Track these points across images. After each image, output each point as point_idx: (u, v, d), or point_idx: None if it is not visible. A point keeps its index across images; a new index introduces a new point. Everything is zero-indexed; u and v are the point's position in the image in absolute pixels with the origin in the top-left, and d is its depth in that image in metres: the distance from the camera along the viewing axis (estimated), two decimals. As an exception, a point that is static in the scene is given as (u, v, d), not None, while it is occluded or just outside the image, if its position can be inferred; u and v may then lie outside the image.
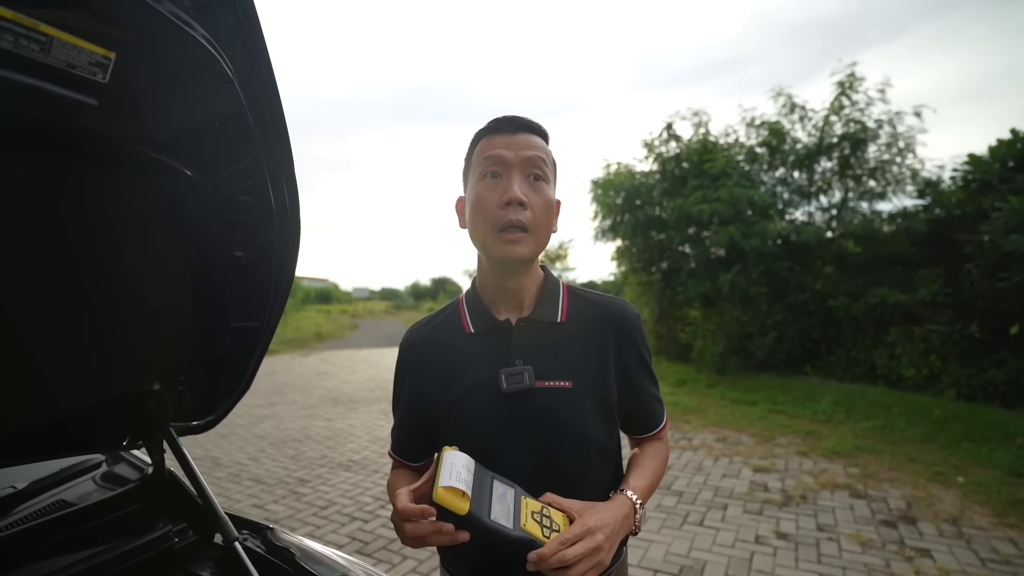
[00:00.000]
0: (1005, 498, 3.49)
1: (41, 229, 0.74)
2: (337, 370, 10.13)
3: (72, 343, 0.89)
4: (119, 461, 1.26)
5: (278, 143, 0.78)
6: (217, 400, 1.11)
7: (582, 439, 0.86)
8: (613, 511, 0.78)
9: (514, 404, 0.84)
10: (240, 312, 0.98)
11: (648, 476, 0.90)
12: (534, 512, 0.73)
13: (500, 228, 0.82)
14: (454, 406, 0.88)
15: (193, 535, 1.11)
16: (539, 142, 0.87)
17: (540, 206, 0.83)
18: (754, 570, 2.70)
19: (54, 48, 0.50)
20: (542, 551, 0.69)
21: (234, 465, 4.52)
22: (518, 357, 0.86)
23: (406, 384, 0.96)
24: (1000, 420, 5.03)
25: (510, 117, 0.87)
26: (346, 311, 33.03)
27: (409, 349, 0.97)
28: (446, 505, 0.67)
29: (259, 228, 0.86)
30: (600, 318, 0.91)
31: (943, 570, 2.65)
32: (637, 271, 9.68)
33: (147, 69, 0.60)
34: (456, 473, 0.70)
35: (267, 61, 0.69)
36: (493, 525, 0.68)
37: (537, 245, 0.85)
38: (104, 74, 0.54)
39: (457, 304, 0.97)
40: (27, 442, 0.96)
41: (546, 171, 0.86)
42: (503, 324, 0.89)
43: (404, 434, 0.99)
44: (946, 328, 6.22)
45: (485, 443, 0.83)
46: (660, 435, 0.98)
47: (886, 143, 7.65)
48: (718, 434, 5.21)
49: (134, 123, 0.65)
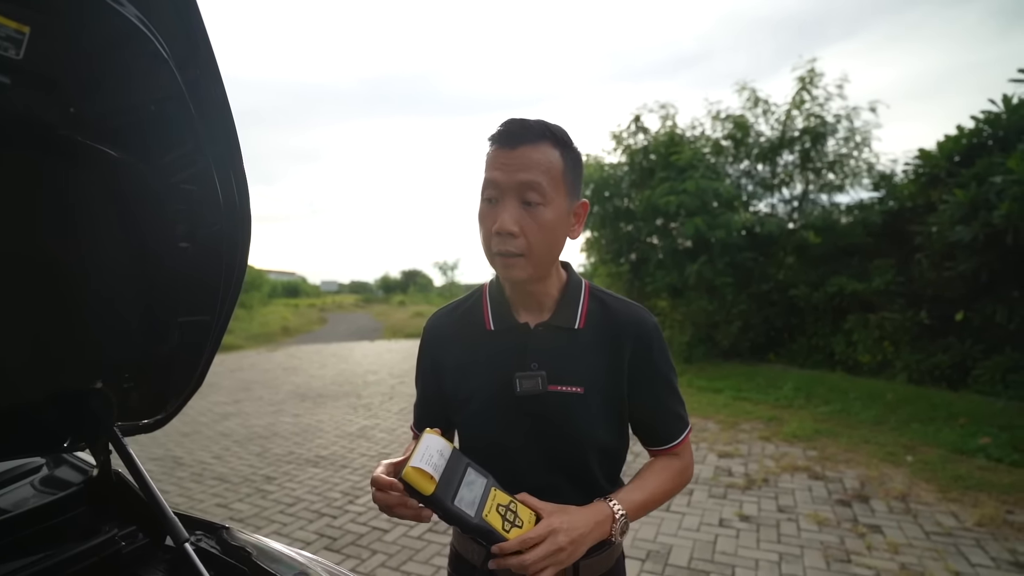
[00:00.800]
0: (948, 475, 3.69)
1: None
2: (305, 365, 9.93)
3: (6, 340, 0.83)
4: (61, 464, 1.20)
5: (222, 130, 0.74)
6: (167, 397, 1.07)
7: (588, 444, 0.88)
8: (583, 517, 0.79)
9: (525, 406, 0.87)
10: (189, 306, 0.94)
11: (646, 490, 0.89)
12: (500, 505, 0.77)
13: (495, 253, 0.83)
14: (468, 400, 0.91)
15: (143, 538, 1.06)
16: (539, 158, 0.79)
17: (535, 231, 0.80)
18: (718, 552, 2.79)
19: (-44, 21, 0.46)
20: (502, 546, 0.72)
21: (197, 464, 4.39)
22: (534, 361, 0.87)
23: (427, 368, 1.00)
24: (945, 402, 5.31)
25: (513, 128, 0.81)
26: (314, 305, 32.36)
27: (432, 335, 1.00)
28: (412, 483, 0.72)
29: (205, 218, 0.82)
30: (617, 325, 0.90)
31: (892, 544, 2.79)
32: (606, 262, 9.78)
33: (69, 46, 0.56)
34: (428, 456, 0.74)
35: (206, 42, 0.65)
36: (454, 509, 0.72)
37: (536, 267, 0.84)
38: (17, 50, 0.50)
39: (480, 296, 0.98)
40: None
41: (545, 193, 0.79)
42: (522, 327, 0.91)
43: (423, 411, 1.04)
44: (898, 315, 6.51)
45: (493, 439, 0.87)
46: (675, 450, 0.95)
47: (844, 137, 7.92)
48: (684, 421, 5.33)
49: (59, 105, 0.61)
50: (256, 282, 24.18)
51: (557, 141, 0.82)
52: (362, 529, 3.14)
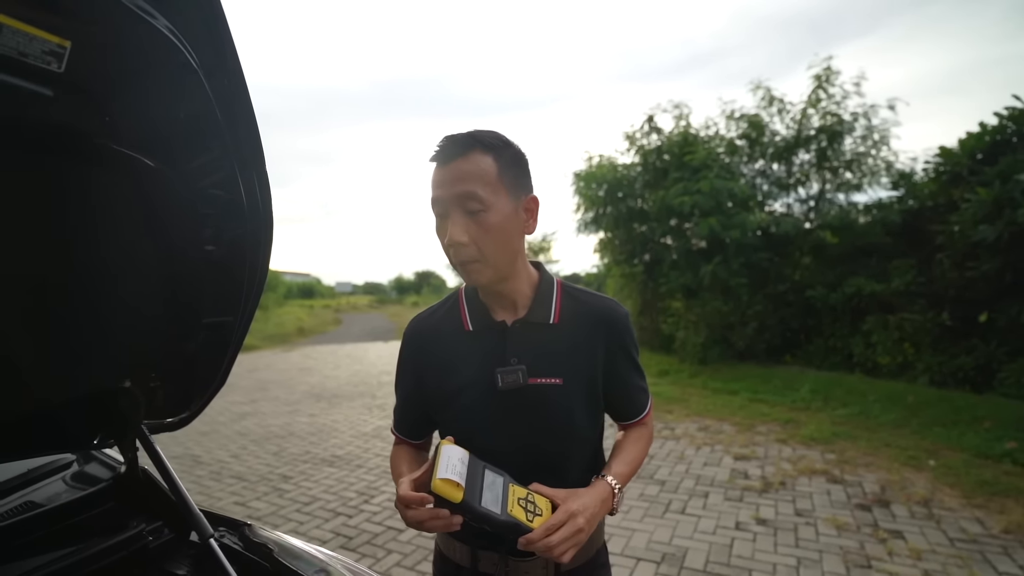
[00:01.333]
0: (973, 479, 3.61)
1: (1, 225, 0.72)
2: (320, 365, 10.04)
3: (39, 340, 0.86)
4: (90, 460, 1.24)
5: (247, 135, 0.76)
6: (191, 397, 1.10)
7: (568, 432, 0.94)
8: (592, 496, 0.85)
9: (508, 400, 0.91)
10: (213, 307, 0.97)
11: (629, 462, 0.97)
12: (520, 498, 0.81)
13: (454, 263, 0.88)
14: (452, 399, 0.95)
15: (169, 533, 1.09)
16: (470, 169, 0.83)
17: (482, 236, 0.84)
18: (734, 555, 2.76)
19: (3, 35, 0.48)
20: (530, 536, 0.76)
21: (215, 463, 4.46)
22: (513, 356, 0.91)
23: (408, 370, 1.03)
24: (969, 405, 5.19)
25: (444, 145, 0.85)
26: (329, 306, 32.71)
27: (412, 338, 1.03)
28: (442, 494, 0.75)
29: (230, 222, 0.85)
30: (591, 318, 0.96)
31: (914, 550, 2.74)
32: (620, 263, 9.75)
33: (106, 59, 0.58)
34: (452, 466, 0.77)
35: (233, 52, 0.67)
36: (483, 511, 0.76)
37: (495, 269, 0.88)
38: (59, 63, 0.53)
39: (457, 299, 1.02)
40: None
41: (483, 199, 0.82)
42: (499, 325, 0.94)
43: (406, 414, 1.07)
44: (919, 317, 6.38)
45: (479, 434, 0.90)
46: (644, 420, 1.05)
47: (861, 136, 7.80)
48: (700, 423, 5.29)
49: (95, 115, 0.63)
50: (272, 283, 24.51)
51: (486, 147, 0.85)
52: (377, 528, 3.17)
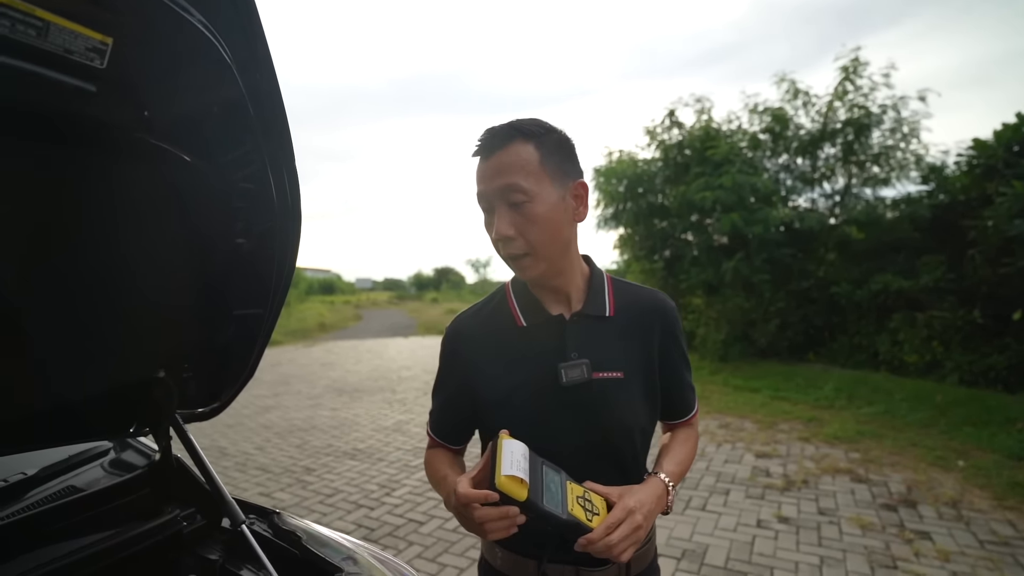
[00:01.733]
0: (1005, 481, 3.51)
1: (43, 218, 0.75)
2: (341, 360, 10.18)
3: (77, 332, 0.89)
4: (126, 448, 1.28)
5: (277, 130, 0.78)
6: (221, 388, 1.13)
7: (631, 426, 0.91)
8: (648, 492, 0.84)
9: (570, 395, 0.88)
10: (243, 300, 0.99)
11: (680, 462, 0.96)
12: (578, 497, 0.78)
13: (504, 258, 0.87)
14: (510, 397, 0.91)
15: (201, 520, 1.12)
16: (511, 160, 0.82)
17: (529, 228, 0.83)
18: (756, 553, 2.73)
19: (51, 33, 0.50)
20: (591, 536, 0.74)
21: (240, 455, 4.57)
22: (573, 350, 0.89)
23: (455, 372, 0.98)
24: (1001, 405, 5.04)
25: (484, 138, 0.84)
26: (349, 302, 33.10)
27: (458, 340, 0.98)
28: (508, 492, 0.71)
29: (260, 216, 0.87)
30: (643, 310, 0.95)
31: (942, 552, 2.68)
32: (640, 259, 9.66)
33: (145, 55, 0.60)
34: (516, 462, 0.74)
35: (265, 48, 0.69)
36: (547, 510, 0.73)
37: (547, 261, 0.86)
38: (102, 60, 0.54)
39: (503, 295, 0.98)
40: (35, 429, 0.97)
41: (526, 190, 0.81)
42: (556, 319, 0.92)
43: (447, 418, 1.02)
44: (949, 314, 6.21)
45: (539, 431, 0.86)
46: (691, 421, 1.03)
47: (890, 128, 7.59)
48: (721, 420, 5.23)
49: (133, 109, 0.65)
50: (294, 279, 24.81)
51: (526, 135, 0.83)
52: (399, 521, 3.21)
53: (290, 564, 1.01)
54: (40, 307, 0.82)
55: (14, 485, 1.03)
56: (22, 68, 0.51)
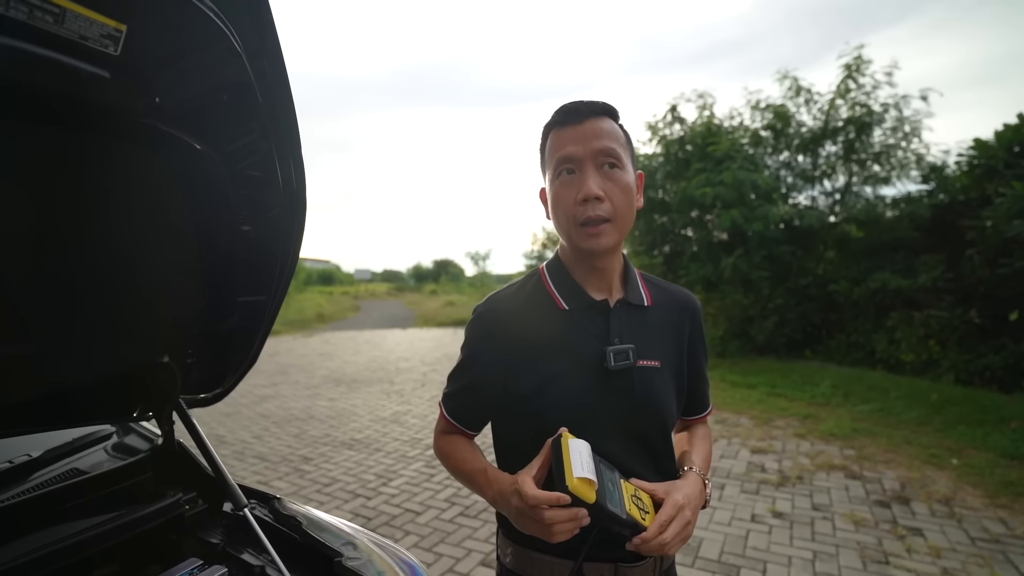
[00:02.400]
0: (997, 480, 3.54)
1: (50, 202, 0.75)
2: (339, 351, 10.20)
3: (83, 315, 0.90)
4: (129, 433, 1.29)
5: (284, 118, 0.78)
6: (224, 373, 1.14)
7: (669, 415, 0.92)
8: (692, 487, 0.85)
9: (614, 381, 0.88)
10: (247, 286, 1.00)
11: (705, 458, 0.98)
12: (632, 495, 0.78)
13: (581, 223, 0.84)
14: (551, 382, 0.88)
15: (202, 504, 1.14)
16: (608, 126, 0.85)
17: (618, 194, 0.84)
18: (749, 547, 2.77)
19: (67, 20, 0.50)
20: (645, 535, 0.74)
21: (238, 443, 4.59)
22: (617, 336, 0.89)
23: (487, 354, 0.93)
24: (996, 404, 5.08)
25: (573, 106, 0.86)
26: (348, 293, 33.11)
27: (491, 319, 0.94)
28: (579, 494, 0.70)
29: (266, 203, 0.87)
30: (676, 304, 0.98)
31: (934, 548, 2.71)
32: (639, 254, 9.68)
33: (157, 42, 0.61)
34: (585, 463, 0.73)
35: (274, 36, 0.69)
36: (611, 511, 0.72)
37: (621, 232, 0.86)
38: (116, 46, 0.55)
39: (539, 279, 0.96)
40: (41, 412, 0.98)
41: (620, 156, 0.84)
42: (601, 304, 0.91)
43: (468, 401, 0.98)
44: (946, 313, 6.24)
45: (582, 416, 0.85)
46: (706, 418, 1.07)
47: (892, 127, 7.59)
48: (717, 416, 5.26)
49: (144, 95, 0.66)
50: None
51: (614, 116, 0.88)
52: (395, 511, 3.23)
53: (290, 548, 1.02)
54: (47, 290, 0.83)
55: (19, 466, 1.05)
56: (39, 53, 0.51)
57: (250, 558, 1.01)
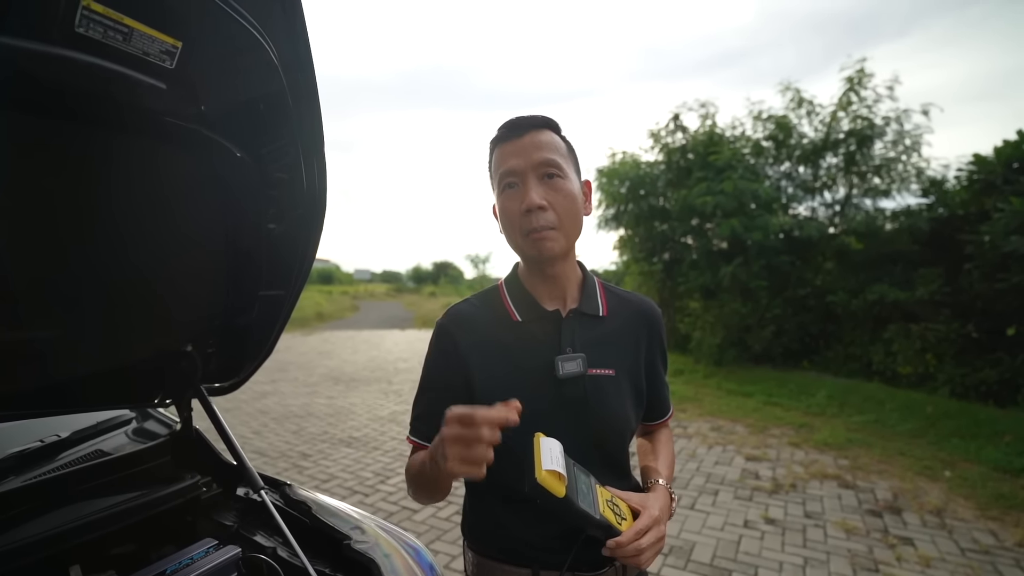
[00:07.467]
0: (989, 492, 3.58)
1: (95, 198, 0.81)
2: (338, 350, 10.24)
3: (114, 303, 0.96)
4: (148, 418, 1.34)
5: (312, 125, 0.84)
6: (242, 364, 1.19)
7: (623, 423, 0.93)
8: (662, 500, 0.88)
9: (565, 389, 0.89)
10: (268, 281, 1.05)
11: (669, 465, 1.00)
12: (607, 500, 0.80)
13: (527, 232, 0.86)
14: (506, 391, 0.86)
15: (217, 488, 1.19)
16: (547, 138, 0.87)
17: (561, 202, 0.86)
18: (741, 552, 2.81)
19: (134, 38, 0.56)
20: (620, 539, 0.76)
21: (237, 437, 4.49)
22: (568, 345, 0.90)
23: (443, 365, 0.95)
24: (991, 418, 5.12)
25: (513, 121, 0.89)
26: (347, 292, 33.15)
27: (450, 330, 0.95)
28: (548, 487, 0.71)
29: (291, 203, 0.93)
30: (635, 314, 0.99)
31: (924, 558, 2.75)
32: (639, 261, 9.73)
33: (205, 56, 0.67)
34: (555, 458, 0.74)
35: (307, 48, 0.75)
36: (581, 509, 0.74)
37: (567, 238, 0.88)
38: (172, 61, 0.61)
39: (496, 292, 0.99)
40: (70, 395, 1.04)
41: (561, 165, 0.87)
42: (553, 314, 0.93)
43: (434, 416, 0.93)
44: (943, 327, 6.28)
45: (535, 426, 0.85)
46: (667, 421, 1.08)
47: (892, 140, 7.65)
48: (713, 423, 5.31)
49: (192, 104, 0.72)
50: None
51: (552, 128, 0.90)
52: (393, 508, 3.28)
53: (301, 532, 1.07)
54: (83, 280, 0.89)
55: (49, 446, 1.10)
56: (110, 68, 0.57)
57: (263, 539, 1.07)
